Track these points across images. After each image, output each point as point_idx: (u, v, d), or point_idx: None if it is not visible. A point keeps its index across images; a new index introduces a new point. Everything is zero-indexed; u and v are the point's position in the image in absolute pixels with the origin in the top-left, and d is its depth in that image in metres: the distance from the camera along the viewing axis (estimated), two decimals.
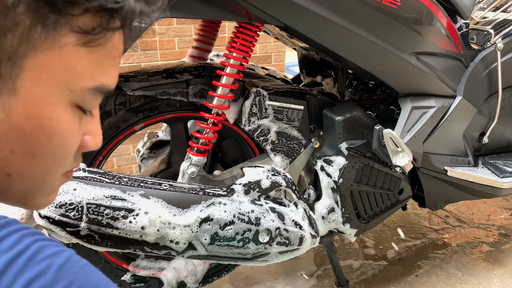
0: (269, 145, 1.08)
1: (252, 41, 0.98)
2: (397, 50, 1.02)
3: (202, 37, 1.26)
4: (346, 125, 1.08)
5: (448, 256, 1.61)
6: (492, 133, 1.31)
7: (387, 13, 0.96)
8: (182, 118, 1.09)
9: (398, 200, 1.20)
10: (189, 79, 1.01)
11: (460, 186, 1.27)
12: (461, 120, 1.19)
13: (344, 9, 0.92)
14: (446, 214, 1.91)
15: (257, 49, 2.40)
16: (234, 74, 0.98)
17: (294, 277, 1.49)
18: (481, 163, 1.32)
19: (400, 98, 1.13)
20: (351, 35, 0.95)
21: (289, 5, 0.88)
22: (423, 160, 1.16)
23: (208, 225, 0.88)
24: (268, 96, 1.04)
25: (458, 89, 1.17)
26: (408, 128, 1.10)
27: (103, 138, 1.00)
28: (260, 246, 0.94)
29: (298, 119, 1.08)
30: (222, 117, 1.01)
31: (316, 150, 1.13)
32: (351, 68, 1.10)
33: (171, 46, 2.20)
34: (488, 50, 1.20)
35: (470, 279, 1.49)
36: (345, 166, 1.07)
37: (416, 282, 1.47)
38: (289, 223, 0.97)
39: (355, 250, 1.65)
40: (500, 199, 2.04)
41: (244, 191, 0.93)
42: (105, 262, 1.10)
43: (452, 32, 1.10)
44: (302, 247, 1.00)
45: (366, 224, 1.16)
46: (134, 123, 1.02)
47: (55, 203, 0.78)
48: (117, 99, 0.99)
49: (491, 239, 1.73)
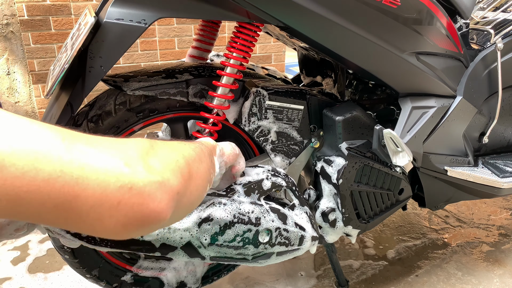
0: (269, 145, 1.08)
1: (252, 41, 0.98)
2: (397, 50, 1.02)
3: (202, 37, 1.26)
4: (346, 125, 1.08)
5: (448, 256, 1.61)
6: (492, 133, 1.31)
7: (387, 13, 0.97)
8: (182, 118, 1.09)
9: (398, 200, 1.20)
10: (189, 79, 1.01)
11: (460, 186, 1.27)
12: (461, 120, 1.19)
13: (344, 9, 0.92)
14: (446, 214, 1.91)
15: (257, 49, 2.40)
16: (234, 74, 0.98)
17: (294, 277, 1.49)
18: (481, 163, 1.32)
19: (400, 98, 1.13)
20: (351, 35, 0.95)
21: (289, 5, 0.88)
22: (423, 160, 1.16)
23: (208, 225, 0.88)
24: (268, 96, 1.04)
25: (458, 89, 1.17)
26: (408, 128, 1.10)
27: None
28: (260, 246, 0.94)
29: (298, 119, 1.08)
30: (222, 117, 1.01)
31: (316, 150, 1.13)
32: (351, 68, 1.10)
33: (171, 46, 2.20)
34: (488, 50, 1.20)
35: (470, 279, 1.49)
36: (345, 166, 1.07)
37: (416, 282, 1.47)
38: (289, 223, 0.97)
39: (355, 250, 1.65)
40: (500, 199, 2.04)
41: (244, 191, 0.93)
42: (105, 262, 1.10)
43: (452, 32, 1.10)
44: (302, 247, 1.00)
45: (366, 224, 1.16)
46: (134, 123, 1.02)
47: None
48: (117, 99, 0.99)
49: (491, 239, 1.73)
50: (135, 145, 0.46)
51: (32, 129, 0.38)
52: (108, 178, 0.39)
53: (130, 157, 0.43)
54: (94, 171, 0.38)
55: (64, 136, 0.39)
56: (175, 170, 0.48)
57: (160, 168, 0.45)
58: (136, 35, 0.84)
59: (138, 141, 0.49)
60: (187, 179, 0.50)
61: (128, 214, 0.40)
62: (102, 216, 0.39)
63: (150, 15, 0.84)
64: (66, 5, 1.95)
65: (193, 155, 0.57)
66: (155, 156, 0.47)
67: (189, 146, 0.60)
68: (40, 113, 2.06)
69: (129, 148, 0.44)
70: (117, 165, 0.40)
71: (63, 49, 0.93)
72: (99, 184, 0.38)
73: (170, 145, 0.55)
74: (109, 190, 0.39)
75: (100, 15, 0.87)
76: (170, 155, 0.50)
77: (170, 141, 0.58)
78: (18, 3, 1.86)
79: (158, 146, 0.51)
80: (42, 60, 1.97)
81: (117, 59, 0.85)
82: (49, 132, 0.38)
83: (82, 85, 0.85)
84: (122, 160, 0.41)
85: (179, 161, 0.51)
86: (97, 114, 0.98)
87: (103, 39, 0.83)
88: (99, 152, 0.40)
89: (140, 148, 0.46)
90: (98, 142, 0.42)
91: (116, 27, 0.82)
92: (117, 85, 0.97)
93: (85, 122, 0.98)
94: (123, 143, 0.46)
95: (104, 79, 0.98)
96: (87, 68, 0.84)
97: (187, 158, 0.54)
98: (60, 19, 1.95)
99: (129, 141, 0.47)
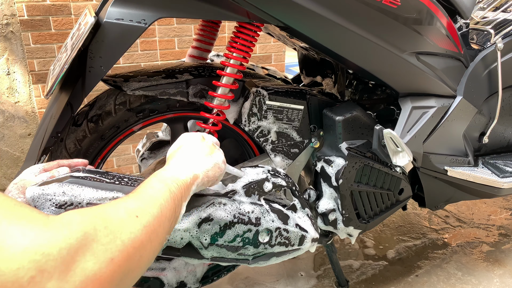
0: (269, 145, 1.08)
1: (252, 41, 0.98)
2: (397, 50, 1.02)
3: (202, 37, 1.26)
4: (346, 125, 1.08)
5: (448, 256, 1.61)
6: (492, 133, 1.31)
7: (387, 13, 0.96)
8: (182, 118, 1.09)
9: (398, 200, 1.20)
10: (189, 79, 1.01)
11: (460, 186, 1.27)
12: (461, 120, 1.19)
13: (344, 9, 0.92)
14: (446, 214, 1.91)
15: (257, 49, 2.40)
16: (234, 74, 0.98)
17: (294, 277, 1.49)
18: (481, 163, 1.32)
19: (400, 98, 1.13)
20: (351, 35, 0.95)
21: (289, 5, 0.88)
22: (423, 160, 1.16)
23: (208, 225, 0.88)
24: (268, 96, 1.04)
25: (458, 89, 1.17)
26: (408, 128, 1.10)
27: (103, 138, 1.00)
28: (260, 246, 0.94)
29: (298, 119, 1.08)
30: (222, 117, 1.01)
31: (316, 150, 1.13)
32: (351, 68, 1.10)
33: (171, 46, 2.20)
34: (488, 50, 1.20)
35: (470, 279, 1.49)
36: (345, 166, 1.07)
37: (416, 282, 1.47)
38: (289, 223, 0.97)
39: (355, 250, 1.65)
40: (500, 199, 2.04)
41: (244, 192, 0.93)
42: None
43: (452, 32, 1.10)
44: (303, 247, 1.00)
45: (366, 224, 1.16)
46: (134, 123, 1.02)
47: (56, 203, 0.78)
48: (117, 99, 0.99)
49: (491, 239, 1.73)
50: (63, 234, 0.39)
51: None
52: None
53: (45, 258, 0.35)
54: None
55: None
56: (102, 280, 0.40)
57: (83, 277, 0.38)
58: (136, 35, 0.84)
59: (70, 227, 0.40)
60: (117, 283, 0.43)
61: None
62: None
63: (150, 15, 0.84)
64: (66, 5, 1.95)
65: (141, 239, 0.49)
66: (85, 255, 0.40)
67: (142, 220, 0.51)
68: (40, 113, 2.06)
69: (52, 240, 0.37)
70: (20, 270, 0.33)
71: (63, 49, 0.93)
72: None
73: (117, 227, 0.46)
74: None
75: (100, 15, 0.87)
76: (106, 251, 0.43)
77: (124, 210, 0.50)
78: (18, 3, 1.86)
79: (98, 231, 0.43)
80: (42, 60, 1.97)
81: (117, 59, 0.85)
82: None
83: (82, 85, 0.85)
84: (31, 260, 0.34)
85: (115, 260, 0.43)
86: (97, 114, 0.98)
87: (103, 39, 0.82)
88: (2, 248, 0.33)
89: (66, 244, 0.38)
90: (5, 226, 0.35)
91: (116, 27, 0.82)
92: (117, 85, 0.96)
93: (85, 122, 0.98)
94: (48, 226, 0.38)
95: (104, 79, 0.98)
96: (87, 68, 0.84)
97: (129, 250, 0.46)
98: (60, 19, 1.95)
99: (57, 225, 0.39)
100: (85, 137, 0.98)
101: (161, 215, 0.56)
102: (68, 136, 0.98)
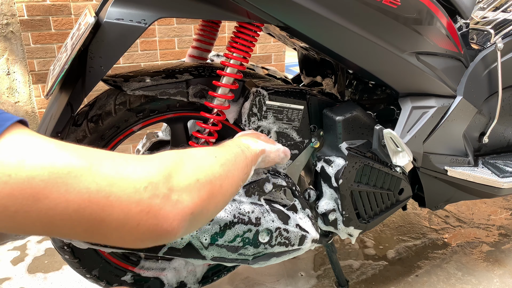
0: None
1: (252, 41, 0.98)
2: (397, 50, 1.02)
3: (202, 37, 1.26)
4: (346, 125, 1.08)
5: (448, 256, 1.61)
6: (492, 133, 1.31)
7: (387, 13, 0.97)
8: (182, 118, 1.09)
9: (398, 200, 1.20)
10: (189, 79, 1.01)
11: (460, 186, 1.27)
12: (461, 120, 1.19)
13: (344, 9, 0.92)
14: (446, 214, 1.91)
15: (257, 49, 2.40)
16: (234, 74, 0.98)
17: (294, 277, 1.49)
18: (481, 163, 1.32)
19: (400, 98, 1.13)
20: (351, 35, 0.95)
21: (289, 5, 0.88)
22: (423, 160, 1.16)
23: (208, 225, 0.88)
24: (268, 96, 1.04)
25: (458, 89, 1.17)
26: (408, 128, 1.10)
27: (103, 138, 1.00)
28: (260, 246, 0.94)
29: (298, 119, 1.08)
30: (222, 117, 1.01)
31: (316, 150, 1.13)
32: (351, 68, 1.10)
33: (171, 46, 2.20)
34: (488, 50, 1.20)
35: (470, 279, 1.49)
36: (345, 166, 1.07)
37: (416, 282, 1.47)
38: (289, 223, 0.97)
39: (355, 250, 1.65)
40: (500, 199, 2.04)
41: (244, 192, 0.93)
42: (105, 262, 1.10)
43: (452, 32, 1.10)
44: (303, 247, 1.00)
45: (366, 224, 1.16)
46: (134, 123, 1.02)
47: None
48: (117, 99, 0.99)
49: (491, 239, 1.73)
50: (159, 164, 0.51)
51: (59, 155, 0.42)
52: (130, 204, 0.45)
53: (152, 181, 0.47)
54: (117, 199, 0.44)
55: (91, 161, 0.44)
56: (193, 192, 0.52)
57: (179, 189, 0.50)
58: (136, 35, 0.84)
59: (164, 159, 0.52)
60: (205, 199, 0.54)
61: (145, 233, 0.46)
62: (124, 235, 0.46)
63: (150, 15, 0.84)
64: (66, 5, 1.95)
65: (219, 172, 0.60)
66: (178, 175, 0.51)
67: (219, 160, 0.62)
68: (40, 113, 2.06)
69: (153, 168, 0.49)
70: (138, 190, 0.46)
71: (63, 49, 0.93)
72: (123, 209, 0.44)
73: (199, 160, 0.58)
74: (130, 214, 0.45)
75: (100, 15, 0.87)
76: (193, 173, 0.54)
77: (205, 151, 0.62)
78: (18, 3, 1.86)
79: (185, 160, 0.55)
80: (42, 60, 1.97)
81: (117, 59, 0.85)
82: (76, 160, 0.43)
83: (82, 85, 0.85)
84: (144, 184, 0.46)
85: (200, 180, 0.54)
86: (97, 114, 0.98)
87: (103, 39, 0.82)
88: (124, 178, 0.45)
89: (163, 169, 0.50)
90: (123, 164, 0.47)
91: (116, 27, 0.82)
92: (117, 85, 0.96)
93: (85, 122, 0.98)
94: (149, 161, 0.50)
95: (104, 79, 0.98)
96: (87, 68, 0.84)
97: (211, 177, 0.57)
98: (60, 19, 1.95)
99: (155, 160, 0.51)
100: (85, 137, 0.98)
101: (235, 162, 0.67)
102: (68, 136, 0.98)
